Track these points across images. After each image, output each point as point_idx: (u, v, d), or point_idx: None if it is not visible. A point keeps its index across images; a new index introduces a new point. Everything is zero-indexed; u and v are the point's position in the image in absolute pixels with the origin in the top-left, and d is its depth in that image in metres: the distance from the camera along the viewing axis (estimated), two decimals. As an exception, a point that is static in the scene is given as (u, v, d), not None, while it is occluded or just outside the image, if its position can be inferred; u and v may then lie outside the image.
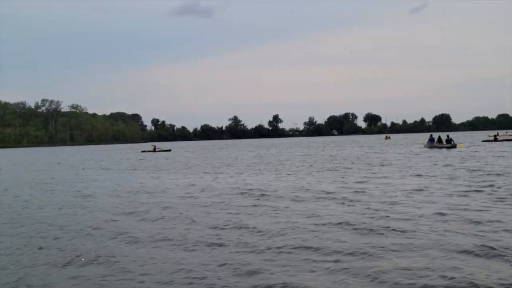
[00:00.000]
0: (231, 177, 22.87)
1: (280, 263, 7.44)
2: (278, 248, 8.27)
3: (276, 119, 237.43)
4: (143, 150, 71.77)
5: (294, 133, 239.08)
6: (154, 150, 67.72)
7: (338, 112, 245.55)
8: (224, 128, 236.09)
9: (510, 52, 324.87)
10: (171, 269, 7.34)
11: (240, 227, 10.11)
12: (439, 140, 47.55)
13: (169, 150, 69.16)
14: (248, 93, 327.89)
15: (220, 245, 8.68)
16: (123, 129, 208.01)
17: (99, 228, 10.61)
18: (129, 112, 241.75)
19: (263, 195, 15.18)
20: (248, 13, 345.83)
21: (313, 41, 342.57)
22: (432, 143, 48.30)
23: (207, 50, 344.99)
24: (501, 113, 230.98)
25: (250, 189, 16.89)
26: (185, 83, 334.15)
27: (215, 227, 10.21)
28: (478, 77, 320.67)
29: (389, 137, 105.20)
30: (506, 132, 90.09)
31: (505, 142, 57.98)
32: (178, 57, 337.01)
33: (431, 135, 52.12)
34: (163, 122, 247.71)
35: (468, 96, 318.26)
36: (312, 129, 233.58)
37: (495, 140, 60.06)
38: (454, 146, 44.63)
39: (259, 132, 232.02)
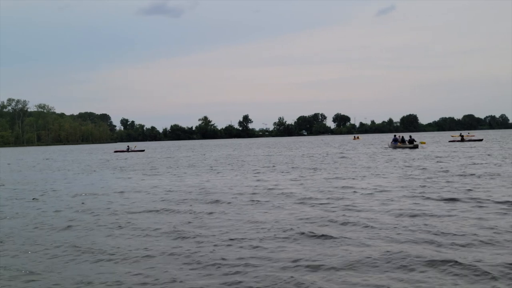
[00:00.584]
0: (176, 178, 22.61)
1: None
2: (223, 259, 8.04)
3: (246, 119, 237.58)
4: (116, 150, 71.32)
5: (264, 133, 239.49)
6: (128, 150, 67.55)
7: (308, 112, 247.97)
8: (194, 128, 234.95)
9: (474, 54, 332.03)
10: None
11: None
12: (402, 140, 48.26)
13: (143, 150, 68.87)
14: (219, 93, 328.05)
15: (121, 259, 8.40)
16: (91, 129, 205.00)
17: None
18: (98, 112, 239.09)
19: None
20: (217, 13, 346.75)
21: (283, 41, 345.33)
22: (395, 143, 48.96)
23: (177, 50, 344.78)
24: (466, 113, 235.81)
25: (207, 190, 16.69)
26: (155, 83, 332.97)
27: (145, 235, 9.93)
28: (445, 79, 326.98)
29: (358, 137, 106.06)
30: (469, 133, 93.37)
31: (471, 142, 59.07)
32: (148, 56, 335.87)
33: (395, 135, 52.80)
34: (133, 122, 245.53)
35: (435, 97, 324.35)
36: (282, 130, 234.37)
37: (462, 140, 61.00)
38: (416, 146, 45.59)
39: (229, 133, 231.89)
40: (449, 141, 63.73)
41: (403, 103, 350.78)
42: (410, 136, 49.12)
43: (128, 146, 73.92)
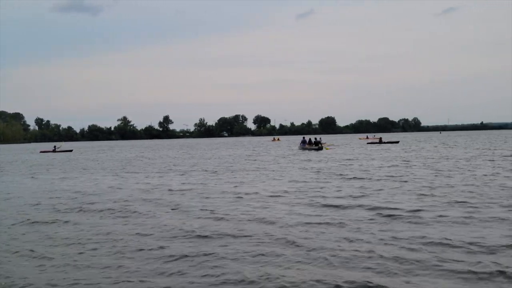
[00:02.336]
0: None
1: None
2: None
3: (166, 120, 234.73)
4: (42, 150, 69.02)
5: (185, 134, 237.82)
6: (54, 151, 65.65)
7: (229, 114, 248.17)
8: (113, 129, 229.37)
9: (390, 59, 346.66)
10: None
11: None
12: (309, 142, 50.05)
13: (71, 151, 67.06)
14: (139, 93, 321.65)
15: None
16: (3, 128, 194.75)
17: None
18: (10, 111, 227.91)
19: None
20: (137, 12, 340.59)
21: (203, 42, 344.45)
22: (304, 145, 50.75)
23: (96, 48, 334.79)
24: (381, 116, 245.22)
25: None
26: (72, 82, 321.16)
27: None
28: (362, 82, 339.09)
29: (278, 139, 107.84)
30: (374, 136, 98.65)
31: (388, 144, 61.78)
32: (63, 54, 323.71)
33: (303, 137, 54.74)
34: (48, 121, 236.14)
35: (353, 100, 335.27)
36: (203, 131, 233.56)
37: (380, 142, 63.35)
38: (321, 148, 47.39)
39: (149, 133, 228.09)
40: (368, 143, 66.38)
41: (322, 106, 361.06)
42: (316, 138, 51.32)
43: (54, 146, 71.53)
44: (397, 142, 64.92)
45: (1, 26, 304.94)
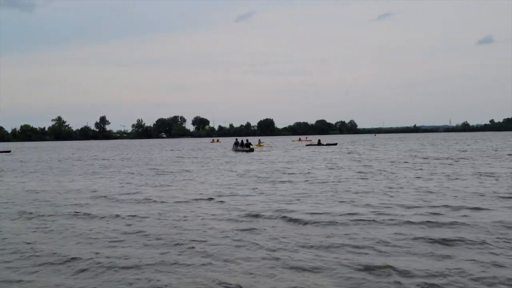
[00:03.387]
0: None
1: None
2: None
3: (103, 120, 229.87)
4: None
5: (122, 135, 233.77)
6: None
7: (167, 115, 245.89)
8: (47, 129, 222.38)
9: (328, 62, 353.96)
10: None
11: None
12: (242, 144, 50.76)
13: (9, 152, 64.60)
14: (75, 93, 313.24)
15: None
16: None
17: None
18: None
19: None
20: (73, 10, 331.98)
21: (141, 41, 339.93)
22: (236, 147, 51.38)
23: (30, 46, 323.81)
24: (319, 119, 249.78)
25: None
26: (5, 80, 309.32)
27: None
28: (300, 85, 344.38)
29: (218, 140, 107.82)
30: (306, 138, 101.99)
31: (326, 146, 62.89)
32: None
33: (236, 139, 55.41)
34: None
35: (291, 102, 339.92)
36: (141, 132, 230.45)
37: (319, 144, 64.15)
38: (252, 150, 48.11)
39: (85, 134, 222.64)
40: (306, 145, 67.37)
41: (261, 108, 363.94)
42: (247, 140, 52.14)
43: None
44: (335, 144, 66.47)
45: None
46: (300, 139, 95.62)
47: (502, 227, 9.69)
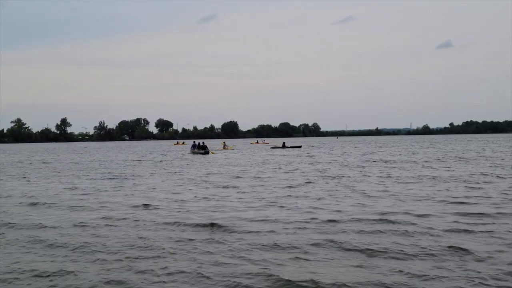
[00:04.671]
0: None
1: None
2: None
3: (64, 122, 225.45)
4: None
5: (84, 137, 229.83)
6: None
7: (130, 117, 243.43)
8: (5, 131, 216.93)
9: (291, 65, 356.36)
10: None
11: None
12: (198, 146, 50.59)
13: None
14: (35, 94, 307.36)
15: None
16: None
17: None
18: None
19: None
20: (33, 10, 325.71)
21: (104, 41, 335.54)
22: (193, 149, 51.17)
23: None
24: (282, 121, 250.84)
25: None
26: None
27: None
28: (264, 87, 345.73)
29: (183, 143, 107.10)
30: (264, 141, 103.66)
31: (290, 148, 62.85)
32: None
33: (194, 141, 55.20)
34: None
35: (255, 105, 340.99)
36: (103, 134, 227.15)
37: (284, 146, 64.12)
38: (207, 152, 47.94)
39: (45, 136, 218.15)
40: (271, 148, 67.22)
41: (225, 110, 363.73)
42: (203, 143, 52.11)
43: None
44: (300, 146, 66.59)
45: None
46: (258, 142, 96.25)
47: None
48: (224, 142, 70.45)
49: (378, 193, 15.74)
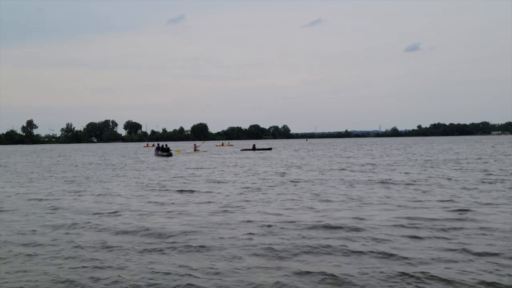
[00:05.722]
0: None
1: None
2: None
3: (30, 124, 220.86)
4: None
5: (51, 139, 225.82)
6: None
7: (98, 119, 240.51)
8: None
9: (260, 67, 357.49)
10: None
11: None
12: (162, 148, 50.55)
13: None
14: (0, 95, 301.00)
15: None
16: None
17: None
18: None
19: None
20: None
21: (70, 43, 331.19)
22: (157, 151, 51.14)
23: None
24: (252, 124, 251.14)
25: None
26: None
27: None
28: (234, 89, 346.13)
29: (153, 145, 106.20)
30: (229, 143, 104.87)
31: (261, 151, 63.04)
32: None
33: (158, 144, 55.20)
34: None
35: (225, 107, 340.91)
36: (70, 136, 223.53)
37: (254, 149, 64.15)
38: (170, 155, 47.91)
39: (11, 138, 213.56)
40: (241, 150, 66.81)
41: (194, 112, 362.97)
42: (166, 145, 52.40)
43: None
44: (270, 149, 66.79)
45: None
46: (223, 144, 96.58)
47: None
48: (195, 144, 69.63)
49: (332, 196, 15.67)
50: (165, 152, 48.62)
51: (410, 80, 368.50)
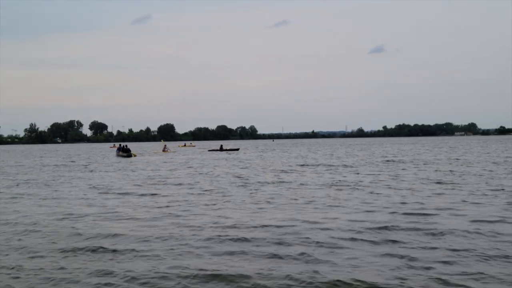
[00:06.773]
0: None
1: None
2: None
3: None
4: None
5: (14, 140, 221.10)
6: None
7: (63, 119, 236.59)
8: None
9: (227, 68, 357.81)
10: None
11: None
12: (122, 149, 50.66)
13: None
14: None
15: None
16: None
17: None
18: None
19: None
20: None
21: (33, 42, 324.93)
22: (118, 152, 51.32)
23: None
24: (220, 124, 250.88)
25: None
26: None
27: None
28: (201, 89, 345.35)
29: (120, 145, 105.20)
30: (191, 143, 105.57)
31: (228, 151, 63.24)
32: None
33: (120, 144, 55.18)
34: None
35: (192, 107, 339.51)
36: (34, 137, 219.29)
37: (221, 149, 64.20)
38: (130, 156, 47.94)
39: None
40: (209, 150, 66.70)
41: (161, 112, 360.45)
42: (126, 146, 52.65)
43: None
44: (237, 149, 67.01)
45: None
46: (185, 145, 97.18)
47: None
48: (165, 145, 68.79)
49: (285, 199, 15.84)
50: (125, 152, 49.10)
51: (375, 82, 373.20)
